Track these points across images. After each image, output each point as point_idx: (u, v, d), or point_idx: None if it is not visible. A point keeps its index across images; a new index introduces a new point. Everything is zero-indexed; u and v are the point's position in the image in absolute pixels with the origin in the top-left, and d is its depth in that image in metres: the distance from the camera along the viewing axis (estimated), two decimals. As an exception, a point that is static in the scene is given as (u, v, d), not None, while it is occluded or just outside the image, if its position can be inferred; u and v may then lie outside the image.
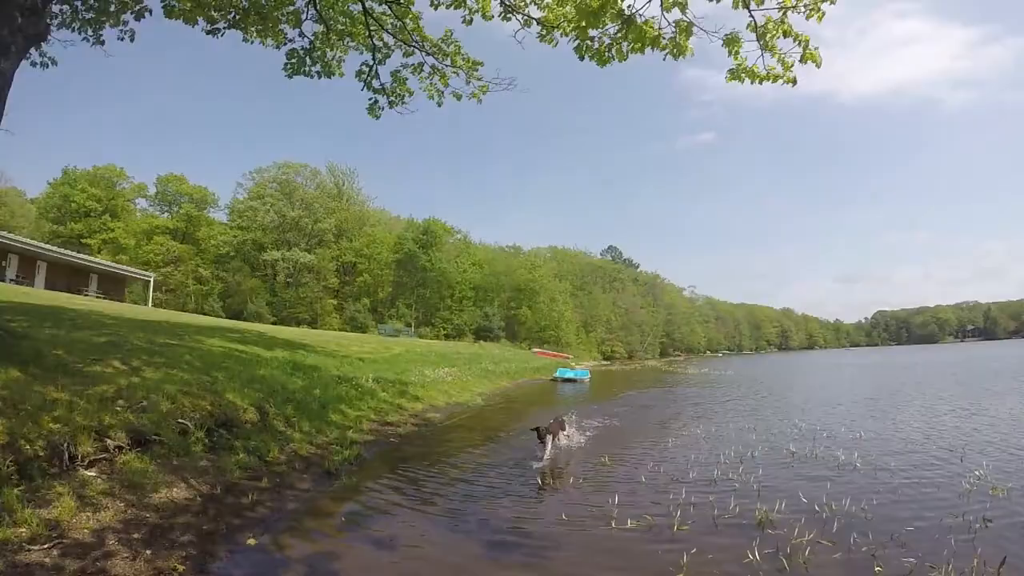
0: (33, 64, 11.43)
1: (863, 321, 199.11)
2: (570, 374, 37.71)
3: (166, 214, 66.98)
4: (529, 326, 66.15)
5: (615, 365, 64.60)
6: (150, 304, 46.03)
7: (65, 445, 6.51)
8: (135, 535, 5.51)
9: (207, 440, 8.75)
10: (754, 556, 6.58)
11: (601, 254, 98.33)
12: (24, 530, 4.95)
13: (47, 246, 41.85)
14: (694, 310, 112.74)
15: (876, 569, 6.17)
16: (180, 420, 8.68)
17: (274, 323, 51.65)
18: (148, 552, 5.29)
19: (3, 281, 30.46)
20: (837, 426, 16.35)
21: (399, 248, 65.75)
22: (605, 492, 9.14)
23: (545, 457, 10.75)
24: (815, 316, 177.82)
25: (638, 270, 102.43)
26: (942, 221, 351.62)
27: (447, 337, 62.05)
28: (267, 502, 7.45)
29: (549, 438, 10.98)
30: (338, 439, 11.19)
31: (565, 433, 12.62)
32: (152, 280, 48.22)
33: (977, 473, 9.84)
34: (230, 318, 49.91)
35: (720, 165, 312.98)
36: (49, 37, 10.58)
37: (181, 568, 5.19)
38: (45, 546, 4.85)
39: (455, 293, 66.73)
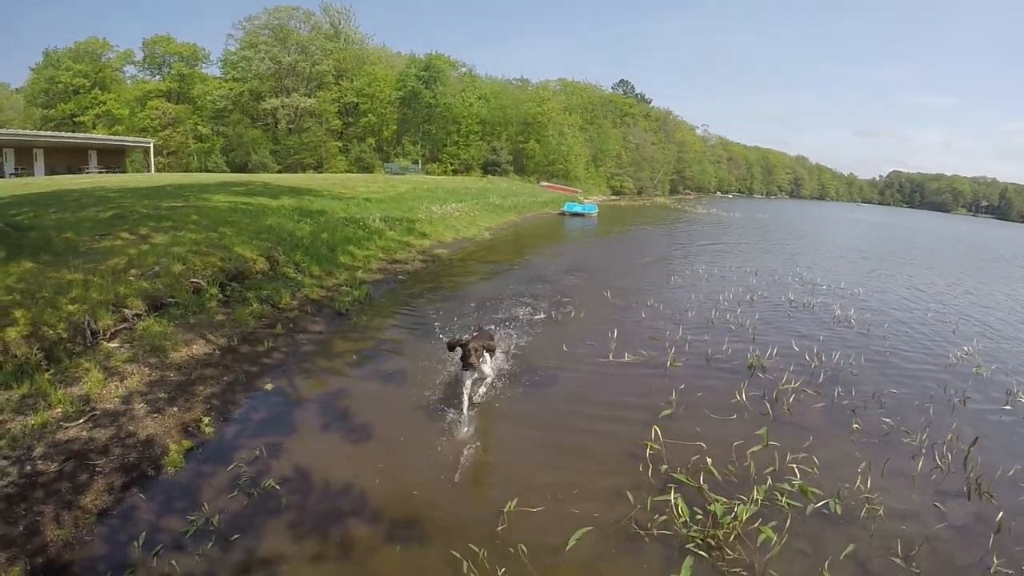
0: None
1: (877, 178, 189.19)
2: (578, 208, 37.13)
3: (157, 77, 63.57)
4: (537, 160, 64.13)
5: (624, 201, 64.20)
6: (153, 170, 45.51)
7: (86, 323, 6.87)
8: (161, 395, 6.00)
9: (221, 295, 9.16)
10: (741, 397, 6.95)
11: (612, 88, 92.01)
12: (59, 410, 5.38)
13: (40, 132, 40.78)
14: (706, 149, 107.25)
15: (854, 425, 6.47)
16: (193, 280, 9.03)
17: (279, 172, 51.13)
18: (174, 409, 5.81)
19: (3, 177, 30.04)
20: (838, 280, 16.40)
21: (402, 85, 62.42)
22: (605, 326, 9.48)
23: (470, 397, 6.39)
24: (829, 167, 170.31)
25: (650, 105, 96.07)
26: (969, 89, 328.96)
27: (454, 172, 60.95)
28: (282, 347, 7.93)
29: (479, 362, 6.23)
30: (348, 280, 11.55)
31: (492, 359, 6.86)
32: (151, 146, 47.01)
33: (966, 348, 9.85)
34: (235, 172, 49.45)
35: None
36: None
37: (206, 419, 5.71)
38: (80, 421, 5.30)
39: (461, 128, 64.23)
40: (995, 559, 4.25)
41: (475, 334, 7.27)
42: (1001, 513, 4.81)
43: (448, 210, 23.84)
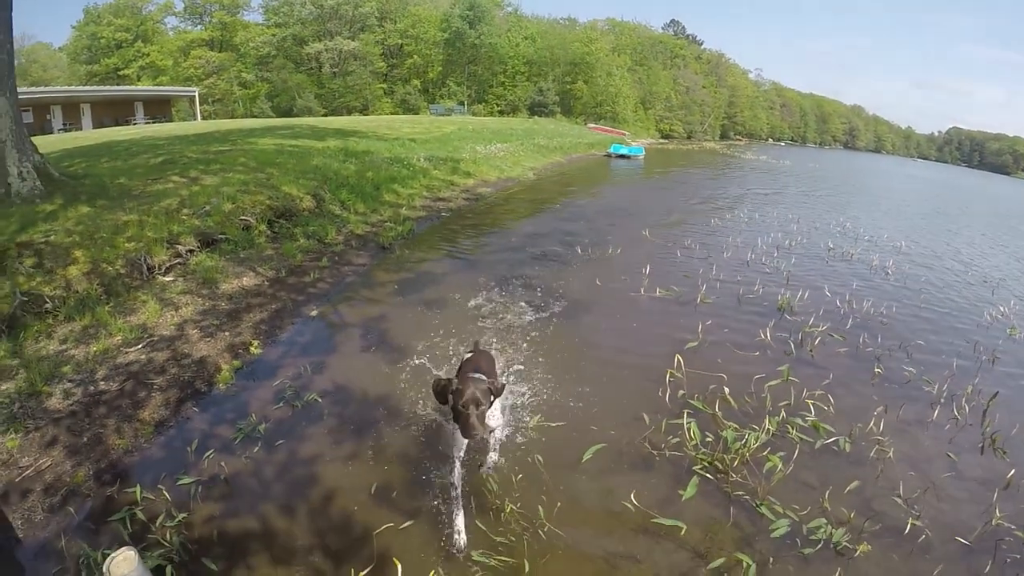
0: None
1: (936, 134, 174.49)
2: (624, 150, 36.29)
3: (199, 27, 64.11)
4: (585, 101, 62.77)
5: (672, 144, 62.15)
6: (199, 118, 46.29)
7: (142, 259, 7.38)
8: (213, 322, 6.48)
9: (269, 231, 9.64)
10: (766, 336, 6.98)
11: (663, 28, 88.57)
12: (118, 338, 5.86)
13: (85, 88, 41.65)
14: (759, 95, 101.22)
15: (876, 371, 6.40)
16: (242, 217, 9.48)
17: (325, 115, 51.30)
18: (225, 333, 6.27)
19: (52, 133, 30.73)
20: (881, 232, 15.79)
21: (446, 26, 61.51)
22: (639, 263, 9.59)
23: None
24: (885, 119, 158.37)
25: (702, 48, 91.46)
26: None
27: (500, 113, 60.26)
28: (327, 278, 8.36)
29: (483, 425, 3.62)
30: (392, 217, 11.90)
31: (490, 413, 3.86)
32: (196, 94, 47.73)
33: (1002, 309, 9.39)
34: (280, 116, 49.99)
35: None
36: None
37: (255, 342, 6.17)
38: (138, 346, 5.79)
39: (507, 69, 62.99)
40: (998, 512, 4.22)
41: (469, 357, 4.69)
42: (1013, 471, 4.74)
43: (493, 150, 23.82)
